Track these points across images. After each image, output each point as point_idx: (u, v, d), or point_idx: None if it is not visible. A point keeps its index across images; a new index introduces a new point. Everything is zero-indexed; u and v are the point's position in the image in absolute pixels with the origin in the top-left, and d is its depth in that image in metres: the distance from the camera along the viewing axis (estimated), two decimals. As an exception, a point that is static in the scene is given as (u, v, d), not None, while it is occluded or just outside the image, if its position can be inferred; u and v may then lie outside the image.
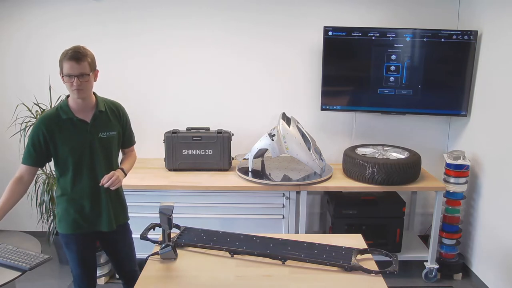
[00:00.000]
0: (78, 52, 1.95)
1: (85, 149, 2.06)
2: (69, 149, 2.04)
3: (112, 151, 2.17)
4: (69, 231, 2.14)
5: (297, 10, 3.40)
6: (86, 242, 2.19)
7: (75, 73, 1.95)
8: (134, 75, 3.49)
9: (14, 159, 3.55)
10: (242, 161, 3.33)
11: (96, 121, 2.09)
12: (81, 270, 2.20)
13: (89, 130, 2.07)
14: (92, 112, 2.09)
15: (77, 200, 2.11)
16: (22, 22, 3.43)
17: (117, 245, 2.30)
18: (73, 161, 2.05)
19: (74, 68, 1.94)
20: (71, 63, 1.94)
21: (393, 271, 1.88)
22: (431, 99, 3.29)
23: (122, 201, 2.28)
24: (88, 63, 1.98)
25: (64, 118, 2.03)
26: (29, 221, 3.64)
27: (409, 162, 3.00)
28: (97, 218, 2.15)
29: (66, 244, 2.18)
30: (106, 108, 2.14)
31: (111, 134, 2.14)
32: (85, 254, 2.20)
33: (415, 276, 3.27)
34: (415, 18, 3.37)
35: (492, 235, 3.02)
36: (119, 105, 2.24)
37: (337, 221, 3.16)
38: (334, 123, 3.58)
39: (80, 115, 2.06)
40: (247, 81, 3.53)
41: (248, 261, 1.97)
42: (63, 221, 2.14)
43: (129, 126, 2.28)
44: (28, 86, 3.50)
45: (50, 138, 2.02)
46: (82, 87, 1.98)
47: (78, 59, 1.94)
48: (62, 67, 1.97)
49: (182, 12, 3.41)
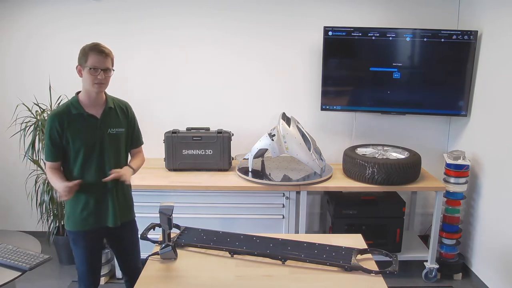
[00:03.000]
0: (105, 48, 2.05)
1: (95, 144, 2.10)
2: (80, 143, 2.08)
3: (121, 148, 2.20)
4: (77, 228, 2.17)
5: (297, 10, 3.40)
6: (92, 239, 2.21)
7: (101, 67, 2.02)
8: (133, 75, 3.49)
9: (14, 159, 3.56)
10: (242, 161, 3.33)
11: (106, 117, 2.13)
12: (87, 268, 2.23)
13: (99, 125, 2.11)
14: (102, 108, 2.14)
15: (84, 196, 2.13)
16: (22, 22, 3.43)
17: (123, 242, 2.32)
18: (83, 155, 2.09)
19: (101, 61, 2.02)
20: (99, 56, 2.01)
21: (393, 271, 1.88)
22: (431, 99, 3.29)
23: (128, 198, 2.31)
24: (111, 60, 2.09)
25: (75, 113, 2.08)
26: (29, 221, 3.65)
27: (409, 162, 3.00)
28: (103, 213, 2.18)
29: (73, 241, 2.21)
30: (115, 105, 2.19)
31: (120, 130, 2.18)
32: (91, 252, 2.22)
33: (415, 276, 3.27)
34: (415, 18, 3.37)
35: (492, 235, 3.02)
36: (127, 103, 2.29)
37: (337, 221, 3.16)
38: (334, 123, 3.58)
39: (91, 110, 2.11)
40: (247, 81, 3.53)
41: (248, 261, 1.97)
42: (71, 218, 2.17)
43: (137, 126, 2.33)
44: (28, 86, 3.50)
45: (63, 133, 2.06)
46: (104, 81, 2.05)
47: (106, 53, 2.03)
48: (87, 59, 2.01)
49: (182, 12, 3.41)
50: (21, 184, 3.56)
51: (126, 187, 2.27)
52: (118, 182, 2.16)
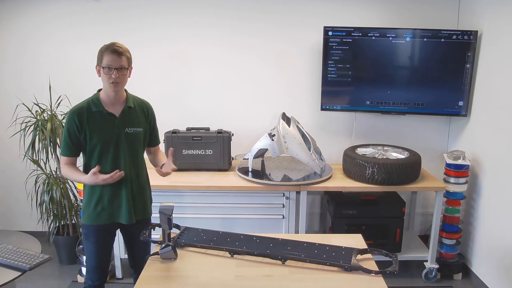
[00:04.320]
0: (119, 47, 2.07)
1: (111, 142, 2.13)
2: (97, 140, 2.11)
3: (137, 147, 2.22)
4: (90, 222, 2.20)
5: (297, 10, 3.40)
6: (104, 235, 2.24)
7: (115, 66, 2.05)
8: (133, 75, 3.48)
9: (14, 159, 3.56)
10: (242, 161, 3.33)
11: (125, 116, 2.16)
12: (96, 263, 2.25)
13: (117, 124, 2.14)
14: (122, 107, 2.16)
15: (99, 191, 2.16)
16: (22, 21, 3.43)
17: (134, 239, 2.32)
18: (99, 152, 2.12)
19: (115, 61, 2.04)
20: (112, 56, 2.04)
21: (393, 271, 1.87)
22: (431, 99, 3.29)
23: (145, 196, 2.31)
24: (127, 58, 2.11)
25: (95, 110, 2.11)
26: (29, 221, 3.65)
27: (409, 162, 2.99)
28: (117, 210, 2.20)
29: (85, 235, 2.24)
30: (135, 105, 2.22)
31: (138, 130, 2.20)
32: (101, 248, 2.25)
33: (415, 276, 3.27)
34: (415, 18, 3.37)
35: (492, 235, 3.02)
36: (148, 104, 2.32)
37: (337, 221, 3.16)
38: (334, 123, 3.59)
39: (110, 109, 2.14)
40: (247, 81, 3.53)
41: (248, 261, 1.96)
42: (86, 212, 2.21)
43: (156, 126, 2.37)
44: (28, 86, 3.50)
45: (82, 128, 2.10)
46: (119, 80, 2.08)
47: (119, 53, 2.05)
48: (102, 59, 2.05)
49: (182, 12, 3.41)
50: (21, 184, 3.56)
51: (143, 185, 2.29)
52: (134, 180, 2.19)
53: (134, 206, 2.22)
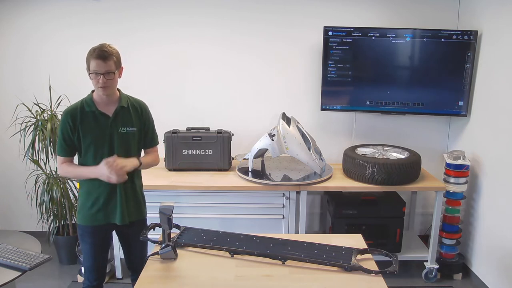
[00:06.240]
0: (105, 51, 2.03)
1: (105, 142, 2.14)
2: (90, 140, 2.12)
3: (131, 147, 2.22)
4: (85, 222, 2.20)
5: (297, 10, 3.40)
6: (100, 236, 2.24)
7: (101, 71, 2.04)
8: (133, 75, 3.48)
9: (14, 159, 3.56)
10: (242, 161, 3.33)
11: (118, 115, 2.16)
12: (92, 263, 2.26)
13: (109, 123, 2.14)
14: (115, 107, 2.16)
15: (94, 192, 2.17)
16: (22, 21, 3.43)
17: (130, 240, 2.33)
18: (93, 153, 2.13)
19: (100, 66, 2.03)
20: (98, 61, 2.02)
21: (393, 271, 1.87)
22: (431, 99, 3.29)
23: (138, 198, 2.32)
24: (114, 62, 2.07)
25: (88, 110, 2.13)
26: (29, 221, 3.65)
27: (409, 162, 2.99)
28: (112, 211, 2.20)
29: (81, 236, 2.25)
30: (129, 105, 2.21)
31: (131, 130, 2.20)
32: (97, 248, 2.25)
33: (415, 276, 3.27)
34: (415, 18, 3.37)
35: (492, 235, 3.02)
36: (143, 103, 2.30)
37: (337, 221, 3.16)
38: (334, 123, 3.58)
39: (103, 108, 2.14)
40: (247, 81, 3.53)
41: (248, 261, 1.96)
42: (81, 213, 2.21)
43: (151, 126, 2.34)
44: (28, 86, 3.50)
45: (75, 129, 2.11)
46: (107, 84, 2.07)
47: (104, 57, 2.02)
48: (89, 65, 2.05)
49: (182, 12, 3.41)
50: (21, 184, 3.56)
51: (137, 185, 2.30)
52: (128, 180, 2.18)
53: (128, 206, 2.22)
